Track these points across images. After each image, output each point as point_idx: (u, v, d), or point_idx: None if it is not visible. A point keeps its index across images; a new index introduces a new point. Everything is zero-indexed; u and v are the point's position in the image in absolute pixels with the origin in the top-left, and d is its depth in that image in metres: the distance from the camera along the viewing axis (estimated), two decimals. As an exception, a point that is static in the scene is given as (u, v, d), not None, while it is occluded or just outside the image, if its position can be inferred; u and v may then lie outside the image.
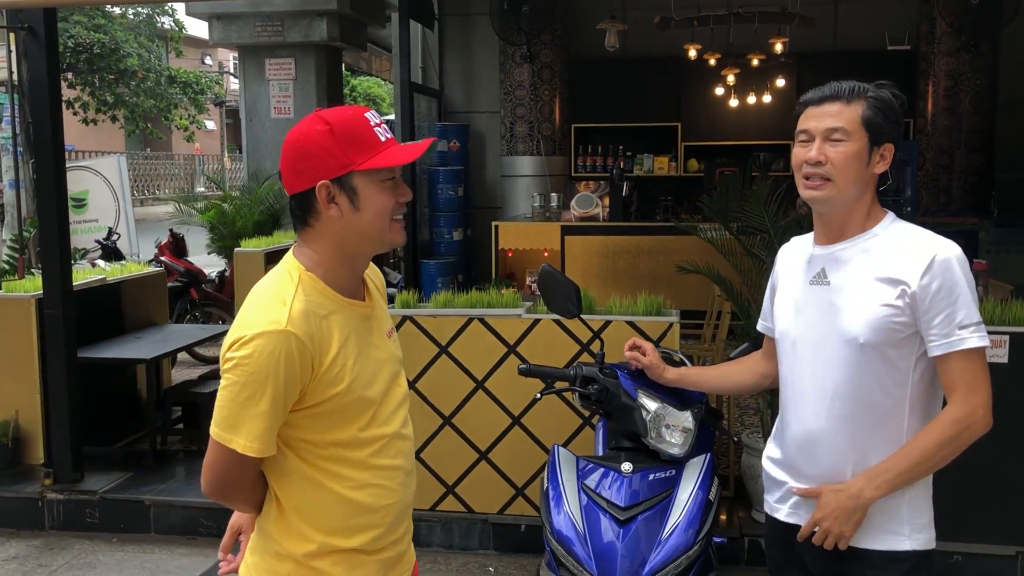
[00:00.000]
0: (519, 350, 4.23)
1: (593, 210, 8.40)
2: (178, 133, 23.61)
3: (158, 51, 20.84)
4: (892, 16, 9.43)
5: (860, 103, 1.99)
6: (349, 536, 1.77)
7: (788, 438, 2.14)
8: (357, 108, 1.74)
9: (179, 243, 8.34)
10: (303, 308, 1.66)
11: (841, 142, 1.98)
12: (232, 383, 1.64)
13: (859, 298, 1.99)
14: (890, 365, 1.98)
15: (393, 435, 1.82)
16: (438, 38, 10.43)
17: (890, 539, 2.01)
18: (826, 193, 1.99)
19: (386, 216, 1.72)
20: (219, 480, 1.72)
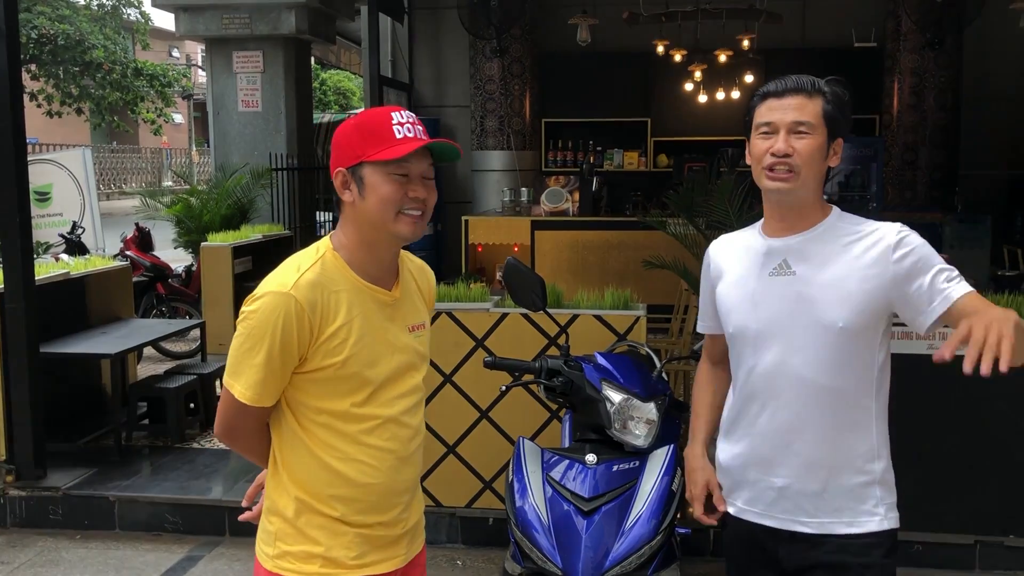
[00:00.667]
0: (487, 344, 4.23)
1: (563, 205, 8.42)
2: (145, 126, 23.34)
3: (124, 43, 20.58)
4: (858, 14, 9.55)
5: (819, 98, 2.02)
6: (329, 504, 1.88)
7: (756, 433, 2.10)
8: (389, 107, 1.89)
9: (145, 237, 8.24)
10: (313, 279, 1.82)
11: (806, 135, 2.00)
12: (239, 334, 1.84)
13: (834, 284, 1.99)
14: (863, 348, 2.01)
15: (390, 419, 1.91)
16: (408, 31, 10.41)
17: (867, 521, 2.02)
18: (792, 185, 2.00)
19: (390, 207, 1.82)
20: (223, 423, 1.91)
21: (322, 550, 1.88)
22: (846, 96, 2.06)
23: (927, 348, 3.89)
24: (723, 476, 2.24)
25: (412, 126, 1.84)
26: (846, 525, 2.02)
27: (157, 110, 21.41)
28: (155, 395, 5.48)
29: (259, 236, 7.93)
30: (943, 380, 3.93)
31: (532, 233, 8.35)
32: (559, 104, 10.19)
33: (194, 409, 5.69)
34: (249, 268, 7.56)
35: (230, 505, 4.48)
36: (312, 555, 1.88)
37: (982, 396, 3.90)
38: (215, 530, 4.48)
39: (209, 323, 6.81)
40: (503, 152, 9.67)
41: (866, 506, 2.03)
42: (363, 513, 1.89)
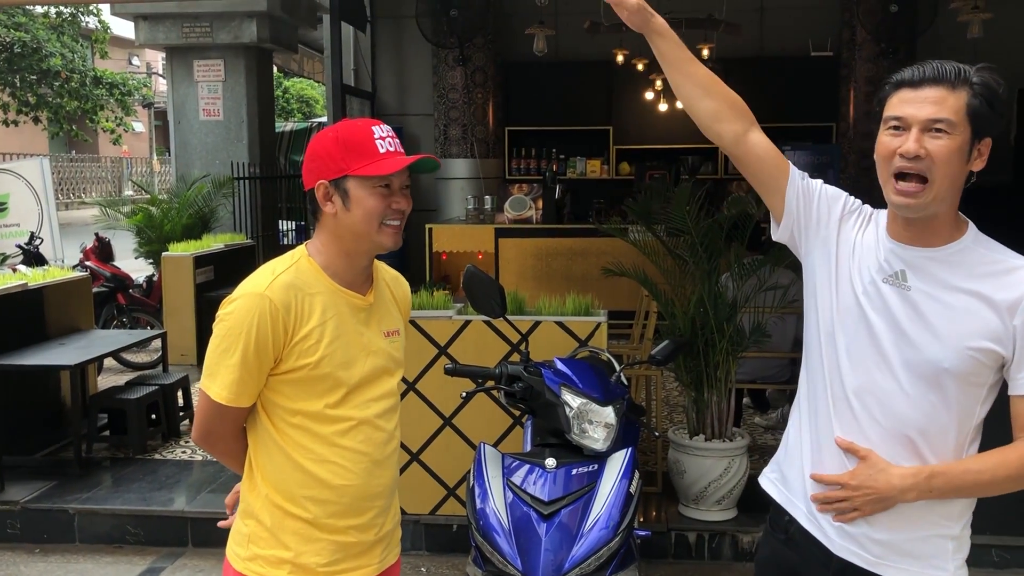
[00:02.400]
0: (450, 351, 4.26)
1: (526, 212, 8.47)
2: (104, 136, 23.04)
3: (82, 51, 20.32)
4: (814, 24, 9.72)
5: (964, 90, 1.71)
6: (303, 506, 1.91)
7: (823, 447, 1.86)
8: (368, 121, 1.94)
9: (105, 247, 8.15)
10: (288, 281, 1.88)
11: (943, 135, 1.70)
12: (215, 336, 1.88)
13: (952, 318, 1.74)
14: (964, 395, 1.77)
15: (364, 421, 1.94)
16: (370, 40, 10.41)
17: (932, 573, 1.81)
18: (922, 200, 1.71)
19: (374, 219, 1.88)
20: (201, 427, 1.95)
21: (292, 555, 1.90)
22: (1000, 87, 1.74)
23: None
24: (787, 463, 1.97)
25: (391, 140, 1.91)
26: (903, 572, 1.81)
27: (117, 119, 21.15)
28: (116, 406, 5.43)
29: (221, 246, 7.89)
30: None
31: (496, 241, 8.39)
32: (522, 112, 10.26)
33: (156, 420, 5.64)
34: (211, 278, 7.52)
35: (193, 516, 4.45)
36: (282, 560, 1.91)
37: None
38: (178, 541, 4.46)
39: (171, 333, 6.76)
40: (467, 160, 9.70)
41: (937, 560, 1.81)
42: (336, 516, 1.92)
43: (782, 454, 2.01)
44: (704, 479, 4.24)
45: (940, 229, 1.77)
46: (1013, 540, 4.05)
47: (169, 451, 5.45)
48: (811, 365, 1.92)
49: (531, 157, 10.32)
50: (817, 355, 1.89)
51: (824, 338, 1.86)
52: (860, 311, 1.81)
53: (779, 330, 4.97)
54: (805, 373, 1.96)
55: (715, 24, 8.38)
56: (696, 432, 4.35)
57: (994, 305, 1.72)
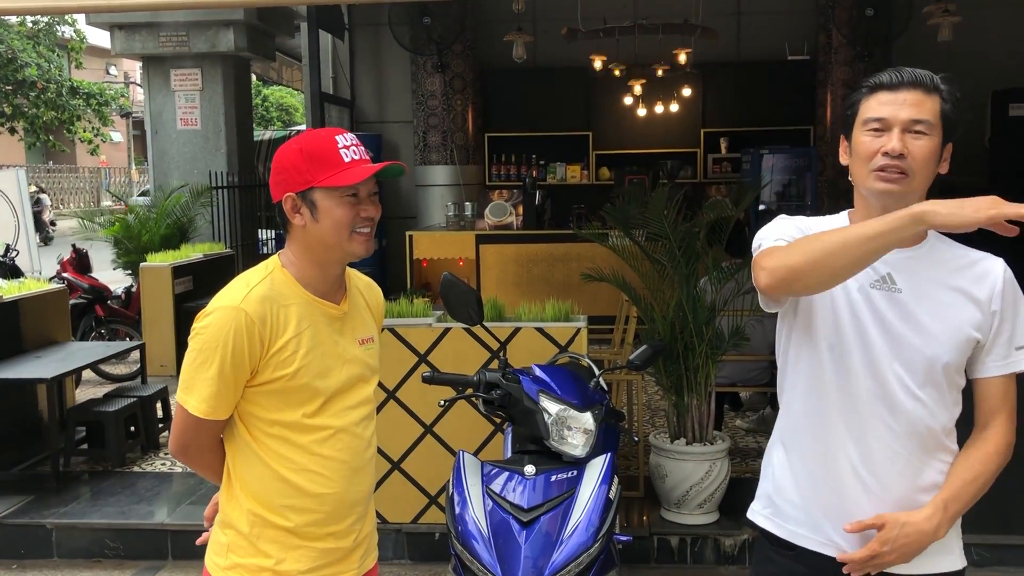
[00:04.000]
0: (430, 359, 4.25)
1: (507, 218, 8.48)
2: (82, 146, 22.86)
3: (59, 61, 20.18)
4: (791, 28, 9.79)
5: (937, 95, 1.80)
6: (283, 515, 1.91)
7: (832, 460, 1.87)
8: (332, 130, 1.93)
9: (82, 259, 8.08)
10: (263, 293, 1.88)
11: (923, 136, 1.78)
12: (191, 350, 1.88)
13: (944, 313, 1.81)
14: (955, 388, 1.85)
15: (342, 429, 1.95)
16: (348, 48, 10.40)
17: (946, 560, 1.88)
18: (904, 188, 1.78)
19: (344, 228, 1.88)
20: (178, 440, 1.94)
21: (272, 563, 1.90)
22: (959, 95, 1.84)
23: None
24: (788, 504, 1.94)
25: (356, 148, 1.90)
26: (929, 565, 1.86)
27: (94, 129, 21.00)
28: (94, 419, 5.38)
29: (199, 255, 7.84)
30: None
31: (477, 247, 8.39)
32: (502, 119, 10.27)
33: (135, 432, 5.60)
34: (190, 288, 7.47)
35: (173, 528, 4.42)
36: (263, 568, 1.91)
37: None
38: (157, 554, 4.42)
39: (149, 344, 6.71)
40: (447, 167, 9.70)
41: (946, 544, 1.86)
42: (316, 524, 1.93)
43: (770, 487, 2.00)
44: (686, 483, 4.25)
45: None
46: (993, 539, 4.08)
47: (148, 463, 5.41)
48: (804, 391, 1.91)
49: (511, 163, 10.33)
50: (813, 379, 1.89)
51: (826, 359, 1.86)
52: (857, 322, 1.83)
53: (757, 333, 4.99)
54: (794, 403, 1.95)
55: (692, 30, 8.43)
56: (677, 436, 4.36)
57: (973, 296, 1.81)
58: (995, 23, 9.37)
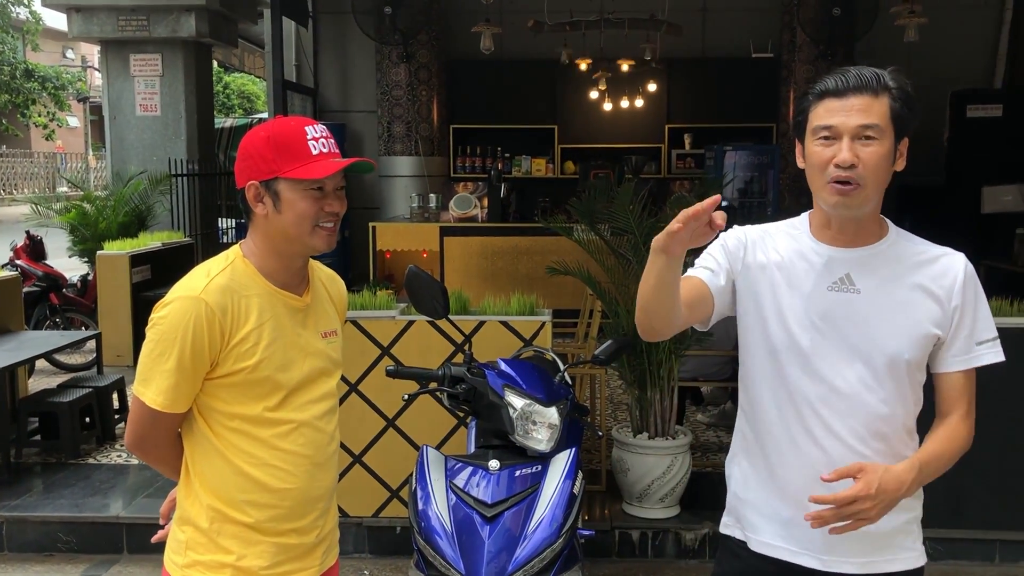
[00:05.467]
0: (393, 352, 4.22)
1: (472, 211, 8.44)
2: (37, 130, 22.36)
3: (13, 43, 19.70)
4: (756, 26, 9.86)
5: (886, 95, 1.76)
6: (243, 510, 1.87)
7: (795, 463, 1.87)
8: (302, 120, 1.88)
9: (37, 246, 7.91)
10: (223, 283, 1.83)
11: (873, 141, 1.75)
12: (148, 340, 1.82)
13: (900, 310, 1.82)
14: (916, 383, 1.87)
15: (304, 423, 1.91)
16: (312, 36, 10.28)
17: (909, 557, 1.90)
18: (858, 199, 1.77)
19: (307, 222, 1.84)
20: (134, 433, 1.88)
21: (233, 559, 1.87)
22: (909, 87, 1.80)
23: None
24: (742, 506, 1.99)
25: (326, 140, 1.86)
26: (894, 564, 1.88)
27: (49, 114, 20.55)
28: (47, 410, 5.26)
29: (158, 244, 7.70)
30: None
31: (441, 239, 8.35)
32: (467, 110, 10.22)
33: (90, 423, 5.49)
34: (148, 277, 7.34)
35: (128, 521, 4.34)
36: (223, 564, 1.87)
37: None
38: (112, 548, 4.33)
39: (106, 334, 6.58)
40: (411, 158, 9.64)
41: (908, 542, 1.90)
42: (277, 520, 1.89)
43: (735, 499, 2.02)
44: (647, 477, 4.26)
45: (871, 227, 1.85)
46: (946, 532, 4.14)
47: (104, 455, 5.30)
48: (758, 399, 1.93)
49: (476, 155, 10.30)
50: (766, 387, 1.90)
51: (774, 366, 1.88)
52: (803, 327, 1.84)
53: (720, 328, 5.00)
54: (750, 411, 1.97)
55: (657, 25, 8.46)
56: (640, 430, 4.37)
57: (933, 293, 1.82)
58: (954, 24, 9.52)
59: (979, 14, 9.76)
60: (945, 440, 1.84)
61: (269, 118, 7.47)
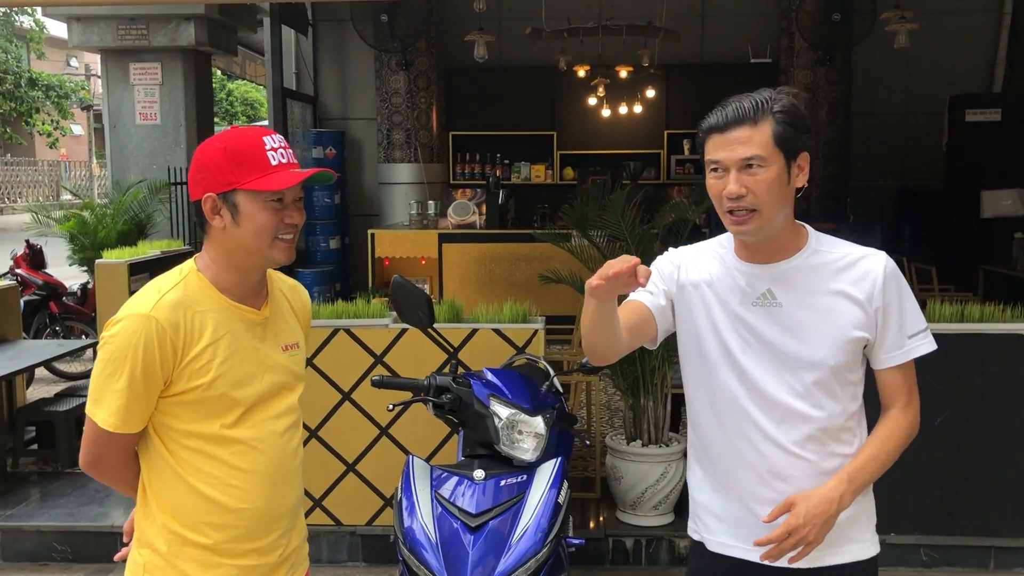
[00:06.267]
0: (386, 360, 4.22)
1: (470, 218, 8.45)
2: (41, 138, 22.45)
3: (17, 52, 19.80)
4: (754, 31, 9.86)
5: (767, 122, 1.83)
6: (201, 532, 1.83)
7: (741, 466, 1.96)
8: (260, 130, 1.85)
9: (36, 254, 7.95)
10: (176, 299, 1.80)
11: (759, 169, 1.82)
12: (99, 360, 1.80)
13: (824, 319, 1.89)
14: (848, 384, 1.92)
15: (263, 440, 1.87)
16: (312, 43, 10.30)
17: (857, 548, 1.96)
18: (755, 225, 1.85)
19: (266, 234, 1.81)
20: (88, 454, 1.85)
21: None
22: (800, 105, 1.88)
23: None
24: (698, 508, 2.08)
25: (284, 151, 1.83)
26: (840, 555, 1.94)
27: (53, 122, 20.63)
28: (44, 418, 5.29)
29: (157, 252, 7.66)
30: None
31: (439, 246, 8.35)
32: (466, 117, 10.23)
33: (87, 432, 5.50)
34: (147, 285, 7.35)
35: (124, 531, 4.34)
36: None
37: (863, 401, 4.07)
38: (107, 557, 4.33)
39: (104, 343, 6.59)
40: (410, 165, 9.65)
41: (856, 534, 1.96)
42: (237, 540, 1.85)
43: (694, 504, 2.11)
44: (641, 484, 4.26)
45: (786, 242, 1.92)
46: (940, 539, 4.13)
47: (100, 464, 5.31)
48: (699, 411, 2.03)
49: (475, 162, 10.31)
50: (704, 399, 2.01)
51: (710, 377, 1.98)
52: (730, 342, 1.94)
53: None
54: (694, 421, 2.07)
55: (655, 32, 8.46)
56: (633, 438, 4.37)
57: (854, 297, 1.88)
58: (953, 29, 9.52)
59: (978, 19, 9.75)
60: (884, 439, 1.92)
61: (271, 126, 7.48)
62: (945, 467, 4.08)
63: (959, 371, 4.05)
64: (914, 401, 1.97)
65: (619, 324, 1.92)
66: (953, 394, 4.04)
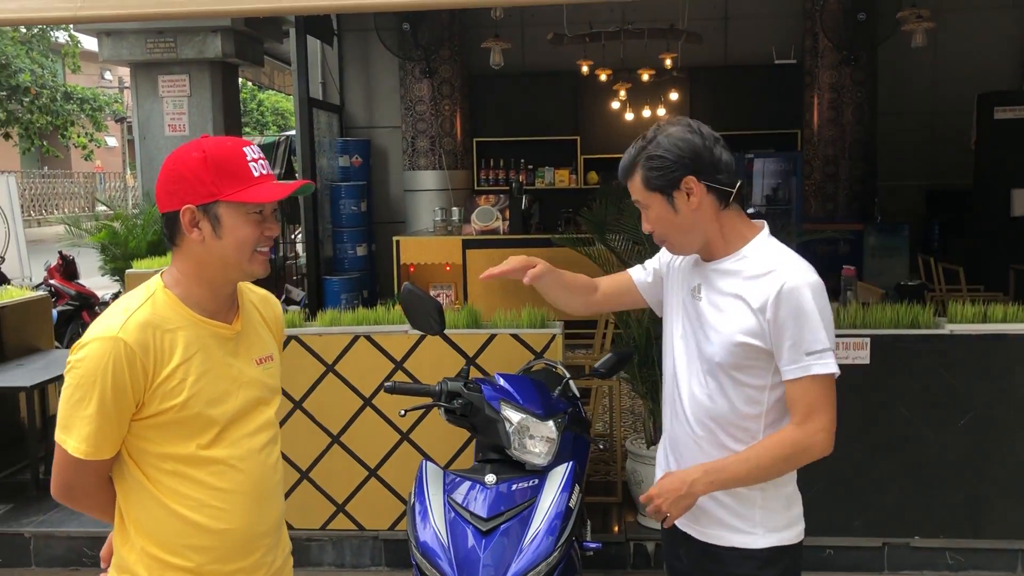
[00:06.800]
0: (406, 366, 4.26)
1: (493, 224, 8.48)
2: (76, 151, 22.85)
3: (52, 66, 20.17)
4: (778, 32, 9.81)
5: (637, 173, 2.08)
6: (183, 555, 1.78)
7: (666, 440, 2.26)
8: (238, 140, 1.81)
9: (69, 265, 8.11)
10: (144, 320, 1.73)
11: (646, 209, 2.11)
12: (67, 385, 1.74)
13: (719, 319, 2.06)
14: (742, 385, 2.06)
15: (241, 458, 1.83)
16: (337, 53, 10.40)
17: (742, 538, 2.11)
18: (678, 251, 2.16)
19: (247, 247, 1.78)
20: (60, 483, 1.79)
21: None
22: (672, 142, 2.03)
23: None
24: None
25: (263, 162, 1.81)
26: (724, 540, 2.13)
27: (88, 134, 20.99)
28: (75, 427, 5.38)
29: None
30: (844, 388, 4.07)
31: (463, 252, 8.39)
32: (490, 124, 10.27)
33: (117, 440, 5.59)
34: (176, 294, 7.47)
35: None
36: None
37: (882, 402, 4.04)
38: (135, 562, 4.42)
39: (134, 351, 6.70)
40: (435, 172, 9.71)
41: (744, 526, 2.11)
42: (220, 561, 1.81)
43: None
44: (661, 489, 4.24)
45: (716, 248, 2.11)
46: (966, 543, 4.09)
47: (130, 471, 5.41)
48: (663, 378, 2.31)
49: (499, 168, 10.34)
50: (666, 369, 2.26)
51: (667, 354, 2.25)
52: (671, 326, 2.22)
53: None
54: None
55: (677, 35, 8.44)
56: (653, 442, 4.37)
57: (750, 305, 2.02)
58: (980, 26, 9.39)
59: (1006, 15, 9.61)
60: (764, 447, 2.04)
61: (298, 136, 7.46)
62: (970, 469, 4.03)
63: (983, 372, 4.01)
64: (814, 420, 2.00)
65: (563, 291, 2.43)
66: (977, 395, 4.00)
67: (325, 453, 4.32)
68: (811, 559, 4.13)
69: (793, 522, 2.15)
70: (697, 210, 2.04)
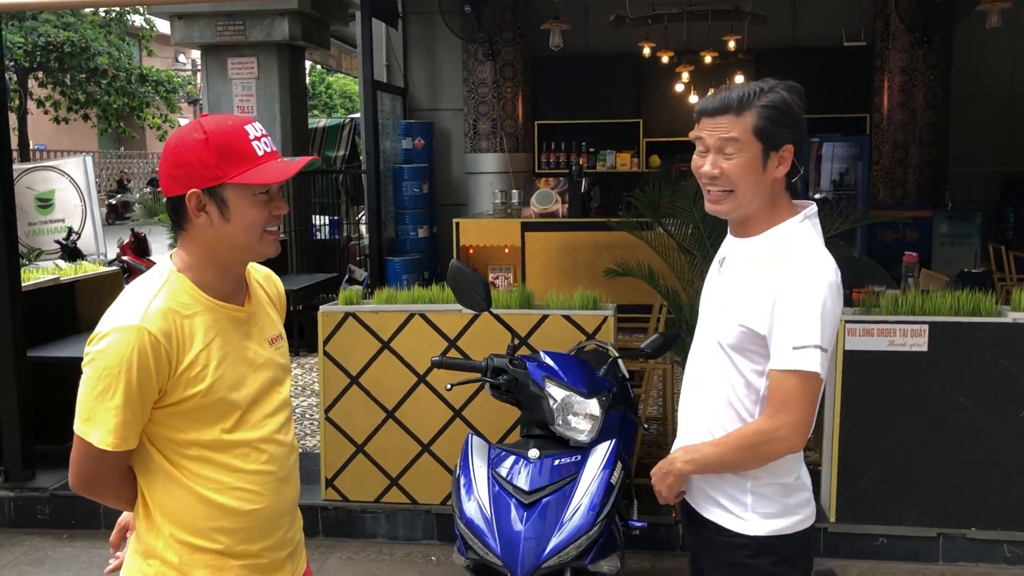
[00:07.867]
0: (459, 344, 4.32)
1: (552, 206, 8.50)
2: (151, 132, 23.52)
3: (128, 49, 20.76)
4: (848, 13, 9.59)
5: (750, 113, 1.94)
6: (212, 538, 1.79)
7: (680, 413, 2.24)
8: (240, 119, 1.76)
9: (141, 243, 8.39)
10: (163, 306, 1.70)
11: (733, 155, 1.95)
12: (88, 377, 1.69)
13: (731, 299, 2.01)
14: (741, 368, 2.00)
15: (263, 440, 1.84)
16: (402, 36, 10.51)
17: (731, 519, 2.05)
18: (729, 206, 1.99)
19: (256, 229, 1.75)
20: (80, 474, 1.75)
21: None
22: (792, 102, 1.96)
23: (887, 345, 3.97)
24: None
25: (266, 140, 1.77)
26: (715, 515, 2.08)
27: (162, 115, 21.59)
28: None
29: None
30: (901, 375, 4.01)
31: (522, 235, 8.44)
32: (551, 106, 10.27)
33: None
34: (242, 272, 7.67)
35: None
36: None
37: (940, 390, 3.97)
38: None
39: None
40: (496, 155, 9.76)
41: (734, 508, 2.05)
42: (248, 541, 1.83)
43: None
44: (712, 472, 4.24)
45: (753, 225, 2.04)
46: (1025, 536, 4.00)
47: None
48: None
49: (560, 151, 10.34)
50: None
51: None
52: (707, 295, 2.17)
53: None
54: None
55: (741, 16, 8.32)
56: (704, 425, 4.35)
57: (764, 291, 1.96)
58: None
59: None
60: (735, 435, 2.00)
61: (364, 118, 7.50)
62: (1030, 461, 3.94)
63: (1046, 362, 3.90)
64: (783, 414, 1.93)
65: None
66: (1039, 386, 3.90)
67: (380, 428, 4.42)
68: (863, 547, 4.10)
69: (790, 511, 2.05)
70: (776, 178, 1.98)
